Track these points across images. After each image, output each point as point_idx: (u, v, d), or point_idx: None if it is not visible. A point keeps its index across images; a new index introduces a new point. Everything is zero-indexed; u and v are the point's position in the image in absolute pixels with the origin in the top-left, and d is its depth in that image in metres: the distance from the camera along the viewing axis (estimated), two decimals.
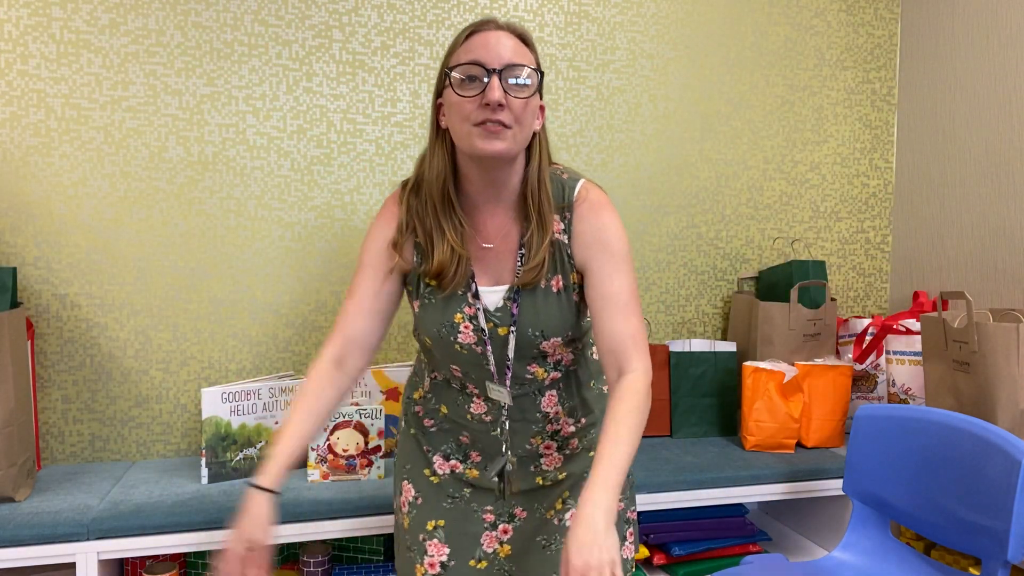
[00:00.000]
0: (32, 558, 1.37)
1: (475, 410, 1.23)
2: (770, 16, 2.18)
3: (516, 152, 1.07)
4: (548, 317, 1.14)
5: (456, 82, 1.04)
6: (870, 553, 1.57)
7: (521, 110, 1.05)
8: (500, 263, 1.15)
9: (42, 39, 1.72)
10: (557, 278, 1.15)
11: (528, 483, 1.26)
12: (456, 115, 1.06)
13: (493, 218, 1.15)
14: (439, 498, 1.26)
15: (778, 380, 1.88)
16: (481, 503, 1.26)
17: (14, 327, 1.49)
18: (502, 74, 1.03)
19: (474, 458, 1.27)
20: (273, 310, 1.88)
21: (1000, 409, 1.54)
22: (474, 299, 1.14)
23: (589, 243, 1.13)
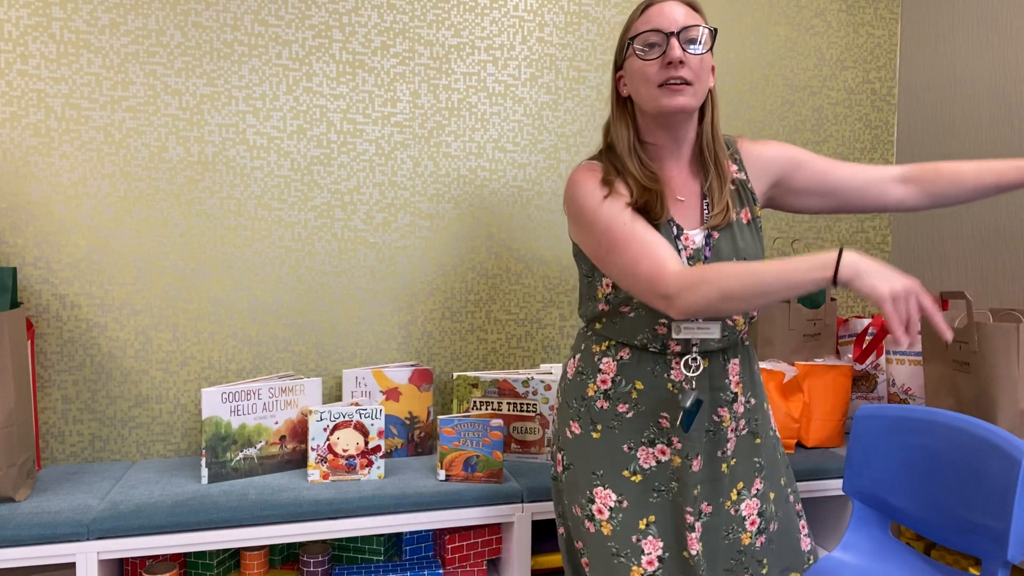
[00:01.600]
0: (32, 558, 1.37)
1: (676, 376, 1.24)
2: (770, 16, 2.18)
3: (696, 106, 1.19)
4: (746, 246, 1.24)
5: (639, 49, 1.18)
6: (870, 553, 1.57)
7: (699, 66, 1.17)
8: (690, 211, 1.25)
9: (42, 39, 1.72)
10: (745, 211, 1.27)
11: (714, 471, 1.27)
12: (639, 79, 1.19)
13: (679, 175, 1.27)
14: (646, 495, 1.26)
15: (778, 380, 1.88)
16: (684, 501, 1.25)
17: (14, 327, 1.49)
18: (680, 36, 1.15)
19: (676, 444, 1.25)
20: (273, 310, 1.88)
21: (1000, 409, 1.54)
22: (685, 241, 1.22)
23: (766, 162, 1.30)
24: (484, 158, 1.99)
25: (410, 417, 1.85)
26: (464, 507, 1.59)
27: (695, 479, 1.25)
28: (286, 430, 1.72)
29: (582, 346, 1.33)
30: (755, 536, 1.29)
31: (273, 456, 1.71)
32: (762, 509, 1.30)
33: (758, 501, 1.29)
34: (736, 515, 1.28)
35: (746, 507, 1.29)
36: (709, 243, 1.22)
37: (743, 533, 1.28)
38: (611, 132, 1.28)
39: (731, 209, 1.24)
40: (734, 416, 1.28)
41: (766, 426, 1.34)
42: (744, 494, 1.29)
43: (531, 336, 2.05)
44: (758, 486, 1.30)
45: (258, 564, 1.69)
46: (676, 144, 1.25)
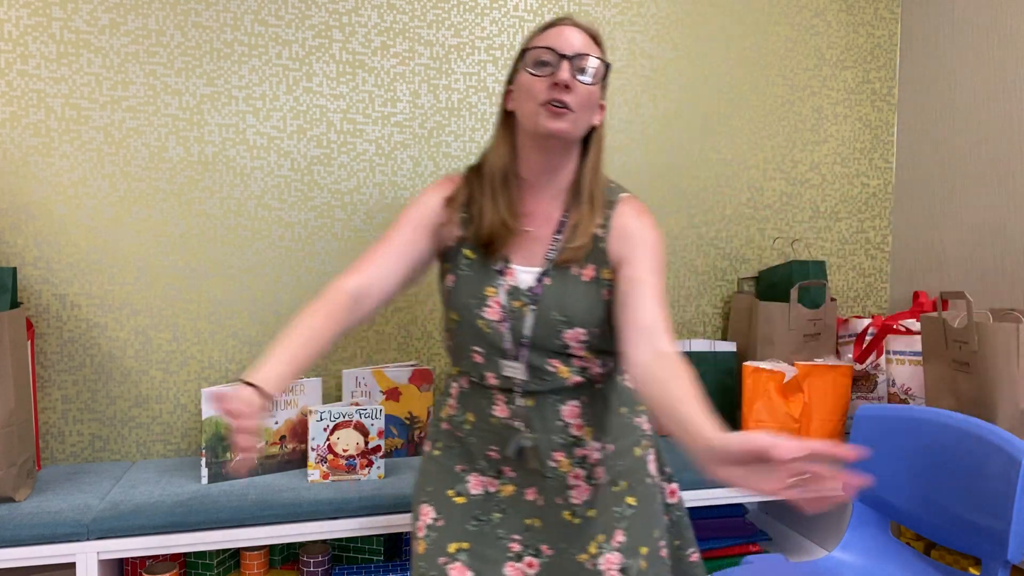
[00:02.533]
0: (32, 558, 1.37)
1: (498, 413, 1.21)
2: (770, 16, 2.18)
3: (575, 136, 1.15)
4: (575, 303, 1.16)
5: (530, 63, 1.14)
6: (870, 553, 1.57)
7: (585, 97, 1.13)
8: (535, 246, 1.19)
9: (42, 39, 1.72)
10: (590, 268, 1.18)
11: (555, 516, 1.21)
12: (525, 95, 1.14)
13: (539, 203, 1.20)
14: (464, 520, 1.22)
15: (778, 380, 1.88)
16: (509, 530, 1.22)
17: (14, 327, 1.49)
18: (572, 61, 1.12)
19: (507, 473, 1.23)
20: (273, 310, 1.88)
21: (1000, 409, 1.54)
22: (507, 276, 1.18)
23: (628, 236, 1.18)
24: None
25: (410, 417, 1.85)
26: None
27: (529, 510, 1.21)
28: (286, 430, 1.72)
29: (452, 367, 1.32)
30: None
31: (273, 456, 1.71)
32: (625, 565, 1.19)
33: (620, 556, 1.19)
34: (593, 569, 1.18)
35: (605, 562, 1.19)
36: (541, 283, 1.17)
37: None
38: (489, 151, 1.21)
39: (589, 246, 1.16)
40: (578, 463, 1.21)
41: (637, 474, 1.25)
42: (605, 547, 1.19)
43: None
44: (620, 539, 1.20)
45: (258, 564, 1.69)
46: (549, 174, 1.18)
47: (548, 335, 1.16)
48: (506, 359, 1.18)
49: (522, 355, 1.17)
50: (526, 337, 1.16)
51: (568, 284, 1.17)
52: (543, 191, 1.20)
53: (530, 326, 1.16)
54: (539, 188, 1.20)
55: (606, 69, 1.17)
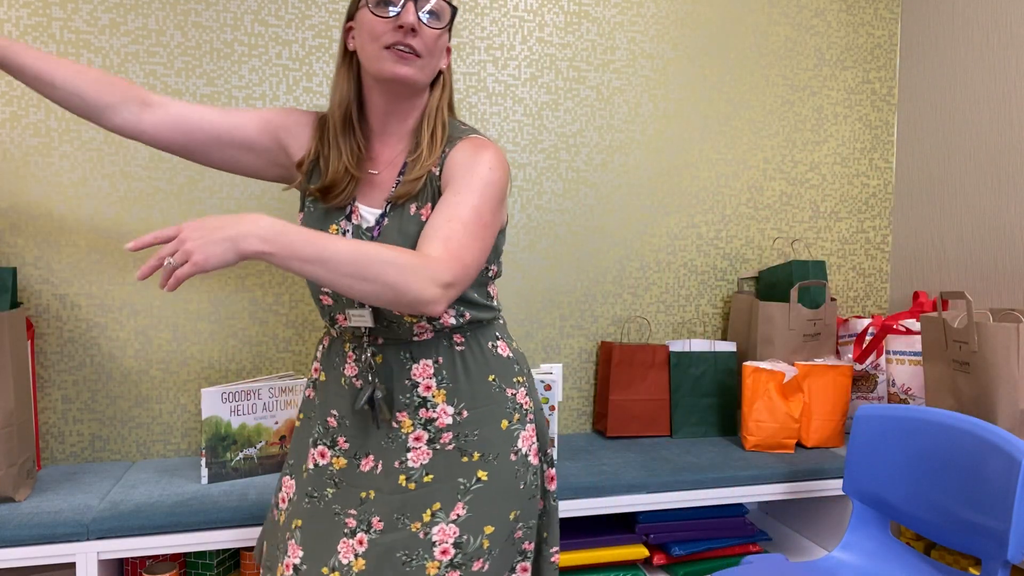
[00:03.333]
0: (32, 558, 1.37)
1: (348, 372, 1.18)
2: (770, 16, 2.18)
3: (422, 82, 1.11)
4: (412, 243, 1.11)
5: (372, 3, 1.08)
6: (870, 553, 1.57)
7: (432, 40, 1.09)
8: (380, 188, 1.17)
9: (42, 39, 1.72)
10: (427, 207, 1.14)
11: (390, 482, 1.14)
12: (367, 35, 1.09)
13: (385, 147, 1.18)
14: (299, 497, 1.20)
15: (778, 380, 1.88)
16: (345, 505, 1.15)
17: (14, 327, 1.49)
18: (417, 3, 1.07)
19: (341, 444, 1.19)
20: (273, 310, 1.88)
21: (1000, 409, 1.54)
22: (353, 215, 1.16)
23: (455, 167, 1.12)
24: None
25: None
26: None
27: (364, 481, 1.16)
28: (286, 430, 1.72)
29: None
30: (444, 568, 1.10)
31: (273, 456, 1.71)
32: (460, 539, 1.11)
33: (457, 529, 1.11)
34: (426, 539, 1.11)
35: (439, 532, 1.11)
36: (380, 224, 1.14)
37: (429, 561, 1.10)
38: (331, 93, 1.18)
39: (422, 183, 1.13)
40: (422, 425, 1.15)
41: (496, 448, 1.16)
42: (440, 516, 1.12)
43: (531, 336, 2.05)
44: (459, 511, 1.12)
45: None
46: (395, 116, 1.16)
47: None
48: (352, 306, 1.14)
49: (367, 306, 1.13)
50: None
51: (404, 222, 1.13)
52: (390, 135, 1.18)
53: None
54: (385, 132, 1.18)
55: (453, 12, 1.12)
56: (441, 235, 1.04)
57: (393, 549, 1.11)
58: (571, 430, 2.09)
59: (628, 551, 1.75)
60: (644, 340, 2.14)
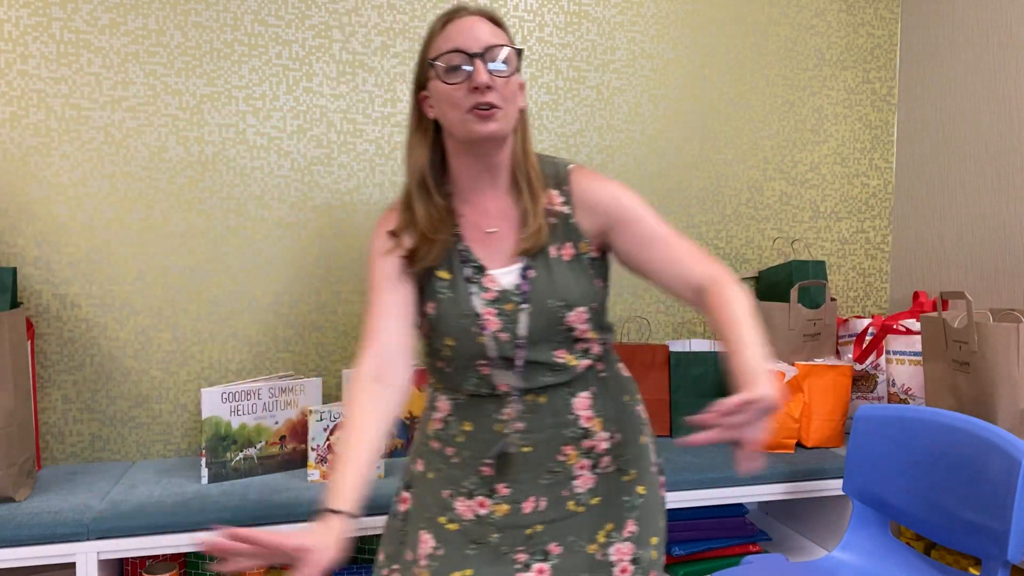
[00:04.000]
0: (32, 558, 1.37)
1: (505, 416, 1.15)
2: (770, 16, 2.18)
3: (507, 131, 1.11)
4: (565, 284, 1.13)
5: (441, 72, 1.08)
6: (870, 553, 1.57)
7: (506, 88, 1.09)
8: (504, 245, 1.16)
9: (42, 39, 1.72)
10: (567, 246, 1.15)
11: (559, 511, 1.17)
12: (446, 104, 1.09)
13: (494, 202, 1.16)
14: (462, 545, 1.16)
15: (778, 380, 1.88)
16: (512, 544, 1.16)
17: (14, 327, 1.49)
18: (484, 57, 1.07)
19: (501, 491, 1.16)
20: (273, 310, 1.88)
21: (1000, 409, 1.54)
22: (489, 282, 1.14)
23: (597, 202, 1.16)
24: None
25: (410, 417, 1.85)
26: None
27: (528, 520, 1.16)
28: (286, 430, 1.72)
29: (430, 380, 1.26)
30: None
31: (273, 456, 1.71)
32: (636, 555, 1.16)
33: (632, 546, 1.16)
34: (605, 560, 1.15)
35: (616, 552, 1.16)
36: (526, 277, 1.13)
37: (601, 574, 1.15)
38: (406, 160, 1.16)
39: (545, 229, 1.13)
40: (584, 453, 1.17)
41: (642, 463, 1.22)
42: (614, 536, 1.17)
43: None
44: (632, 528, 1.18)
45: None
46: (489, 172, 1.14)
47: (550, 325, 1.12)
48: (499, 369, 1.14)
49: (519, 357, 1.13)
50: (521, 338, 1.12)
51: (553, 268, 1.14)
52: (491, 190, 1.16)
53: (525, 325, 1.12)
54: (486, 188, 1.16)
55: (519, 53, 1.12)
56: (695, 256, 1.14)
57: (576, 571, 1.15)
58: None
59: None
60: (644, 340, 2.14)
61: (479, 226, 1.16)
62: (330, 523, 0.97)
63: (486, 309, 1.13)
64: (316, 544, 0.93)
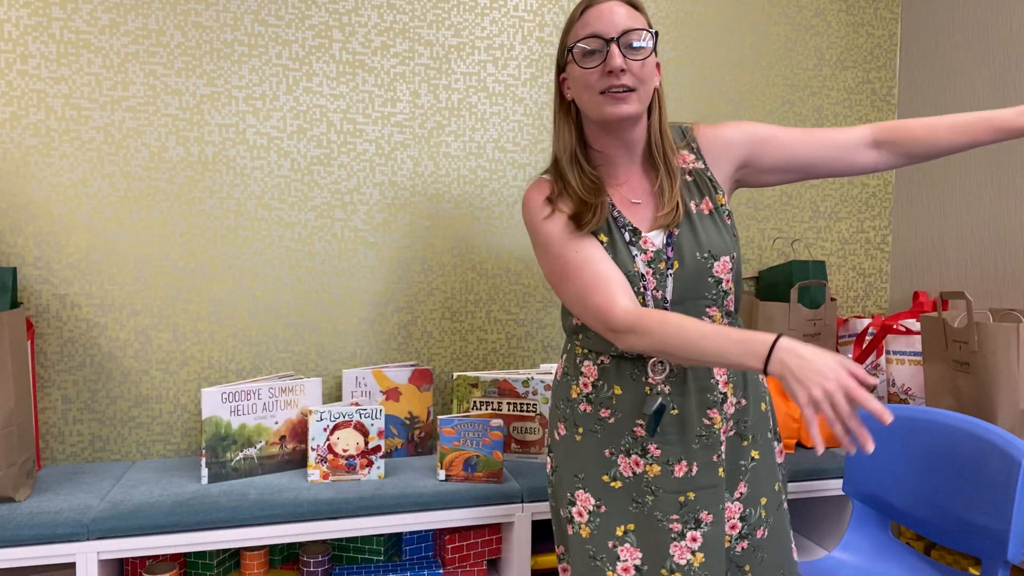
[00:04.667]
0: (32, 558, 1.37)
1: (653, 380, 1.21)
2: (770, 16, 2.18)
3: (641, 111, 1.17)
4: (709, 236, 1.20)
5: (578, 56, 1.15)
6: (870, 553, 1.57)
7: (641, 70, 1.14)
8: (647, 212, 1.23)
9: (42, 39, 1.72)
10: (705, 200, 1.22)
11: (710, 477, 1.21)
12: (582, 86, 1.16)
13: (634, 176, 1.24)
14: (624, 503, 1.23)
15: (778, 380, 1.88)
16: (665, 511, 1.21)
17: (14, 327, 1.49)
18: (620, 41, 1.12)
19: (653, 452, 1.21)
20: (273, 310, 1.88)
21: (1000, 409, 1.54)
22: (646, 244, 1.20)
23: (727, 143, 1.25)
24: (484, 158, 1.99)
25: (410, 417, 1.85)
26: (464, 507, 1.59)
27: (680, 486, 1.21)
28: (286, 430, 1.72)
29: (568, 347, 1.32)
30: (735, 541, 1.24)
31: (273, 456, 1.71)
32: (745, 513, 1.25)
33: (740, 505, 1.25)
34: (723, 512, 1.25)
35: (727, 511, 1.24)
36: (671, 242, 1.20)
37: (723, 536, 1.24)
38: (554, 136, 1.25)
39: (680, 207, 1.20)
40: (724, 418, 1.23)
41: (761, 428, 1.28)
42: (728, 497, 1.25)
43: (531, 336, 2.05)
44: (742, 489, 1.25)
45: (258, 564, 1.69)
46: (626, 147, 1.22)
47: (700, 277, 1.19)
48: None
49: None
50: (668, 300, 1.19)
51: (696, 224, 1.20)
52: (628, 163, 1.23)
53: (671, 287, 1.18)
54: (623, 163, 1.23)
55: (655, 36, 1.17)
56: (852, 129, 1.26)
57: (722, 536, 1.22)
58: None
59: None
60: None
61: (624, 196, 1.23)
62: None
63: (647, 269, 1.19)
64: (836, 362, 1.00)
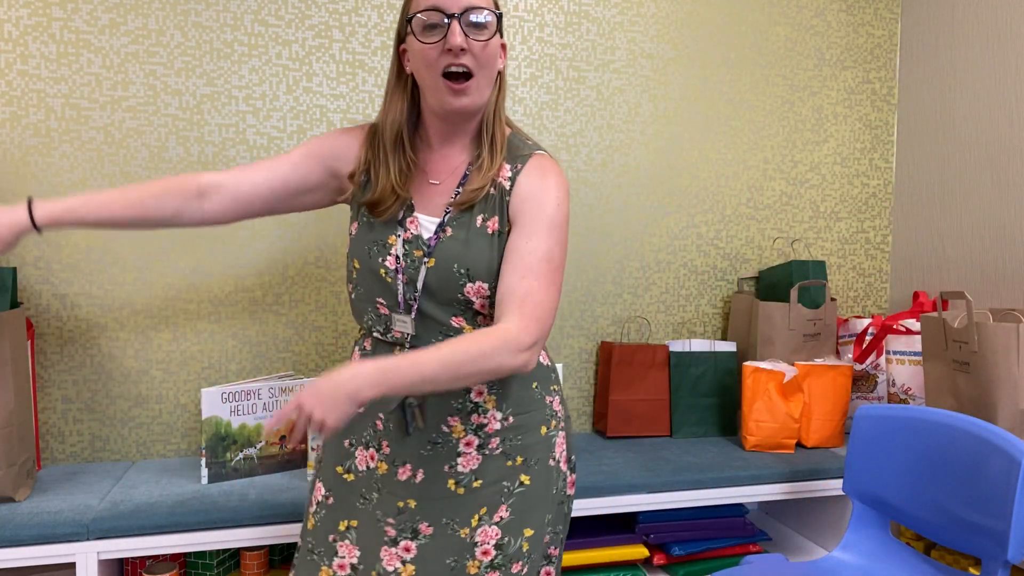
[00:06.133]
0: (32, 558, 1.37)
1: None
2: (770, 16, 2.18)
3: (482, 102, 1.11)
4: (476, 255, 1.11)
5: (418, 28, 1.07)
6: (870, 553, 1.57)
7: (483, 53, 1.08)
8: (440, 196, 1.16)
9: (42, 39, 1.72)
10: (494, 219, 1.14)
11: (437, 488, 1.16)
12: (421, 62, 1.09)
13: (446, 158, 1.18)
14: (353, 497, 1.18)
15: (778, 380, 1.88)
16: (385, 512, 1.16)
17: (14, 327, 1.49)
18: (461, 19, 1.06)
19: (384, 448, 1.17)
20: (273, 310, 1.88)
21: (1000, 409, 1.54)
22: (410, 224, 1.15)
23: (525, 198, 1.13)
24: None
25: None
26: None
27: (402, 491, 1.16)
28: (286, 430, 1.72)
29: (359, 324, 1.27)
30: (484, 569, 1.14)
31: (273, 456, 1.71)
32: (502, 541, 1.15)
33: (499, 531, 1.15)
34: (471, 543, 1.15)
35: (482, 534, 1.15)
36: (440, 233, 1.13)
37: (470, 561, 1.14)
38: (383, 110, 1.17)
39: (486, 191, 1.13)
40: (473, 430, 1.16)
41: (539, 454, 1.19)
42: (485, 519, 1.15)
43: None
44: (503, 514, 1.16)
45: (258, 564, 1.69)
46: (457, 132, 1.17)
47: (448, 288, 1.12)
48: (399, 312, 1.15)
49: (414, 309, 1.13)
50: (417, 291, 1.13)
51: (471, 235, 1.13)
52: (451, 146, 1.17)
53: (422, 278, 1.12)
54: (445, 144, 1.17)
55: (499, 18, 1.10)
56: (517, 299, 1.07)
57: (445, 554, 1.14)
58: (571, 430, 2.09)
59: (628, 551, 1.75)
60: (644, 340, 2.14)
61: (426, 173, 1.17)
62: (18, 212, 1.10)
63: (396, 248, 1.14)
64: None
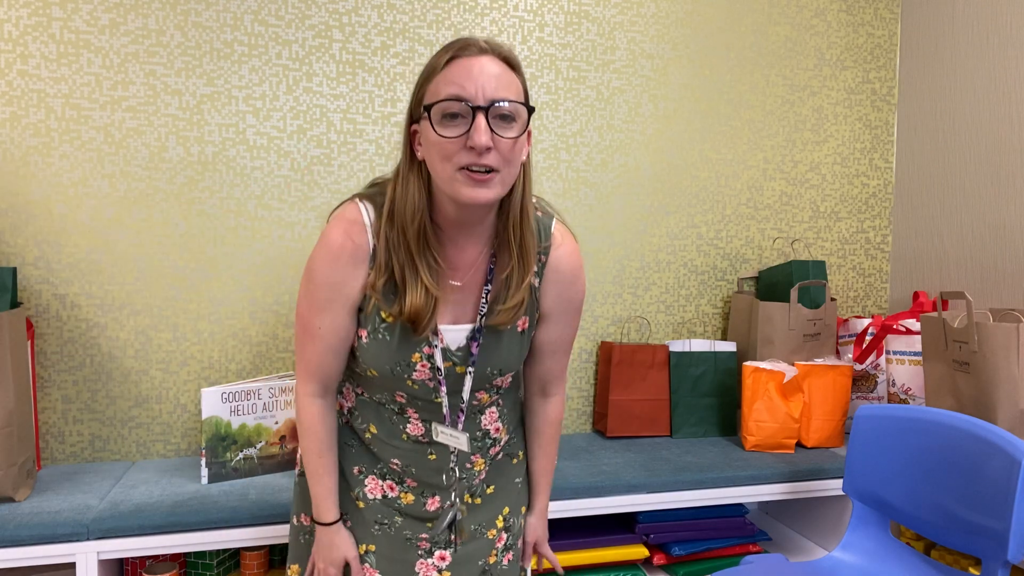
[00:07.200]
0: (32, 558, 1.37)
1: (412, 431, 1.11)
2: (770, 16, 2.18)
3: (502, 196, 0.98)
4: (509, 356, 1.08)
5: (436, 119, 0.93)
6: (870, 553, 1.57)
7: (509, 150, 0.94)
8: (464, 300, 1.06)
9: (42, 39, 1.72)
10: (524, 320, 1.09)
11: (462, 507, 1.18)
12: (436, 154, 0.94)
13: (463, 252, 1.05)
14: (367, 523, 1.15)
15: (778, 380, 1.88)
16: (415, 531, 1.16)
17: (14, 327, 1.49)
18: (489, 112, 0.92)
19: (409, 483, 1.15)
20: (273, 310, 1.88)
21: (1000, 409, 1.54)
22: (434, 337, 1.04)
23: (558, 296, 1.11)
24: None
25: None
26: None
27: (430, 515, 1.16)
28: (286, 430, 1.72)
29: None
30: (501, 553, 1.20)
31: (273, 456, 1.71)
32: (509, 523, 1.21)
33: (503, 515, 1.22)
34: (503, 544, 1.21)
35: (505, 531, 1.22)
36: (477, 339, 1.05)
37: (490, 552, 1.19)
38: (397, 191, 1.00)
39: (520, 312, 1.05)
40: (489, 459, 1.19)
41: (521, 447, 1.26)
42: (511, 520, 1.22)
43: None
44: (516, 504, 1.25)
45: (258, 564, 1.69)
46: (470, 224, 1.02)
47: (480, 384, 1.10)
48: (440, 423, 1.10)
49: (460, 420, 1.09)
50: (464, 402, 1.08)
51: (504, 339, 1.07)
52: (465, 239, 1.04)
53: (469, 389, 1.08)
54: (460, 237, 1.03)
55: (530, 112, 0.97)
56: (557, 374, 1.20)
57: (476, 557, 1.18)
58: (571, 430, 2.09)
59: (628, 551, 1.75)
60: (644, 340, 2.14)
61: (444, 275, 1.04)
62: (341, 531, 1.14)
63: (422, 363, 1.05)
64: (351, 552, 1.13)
